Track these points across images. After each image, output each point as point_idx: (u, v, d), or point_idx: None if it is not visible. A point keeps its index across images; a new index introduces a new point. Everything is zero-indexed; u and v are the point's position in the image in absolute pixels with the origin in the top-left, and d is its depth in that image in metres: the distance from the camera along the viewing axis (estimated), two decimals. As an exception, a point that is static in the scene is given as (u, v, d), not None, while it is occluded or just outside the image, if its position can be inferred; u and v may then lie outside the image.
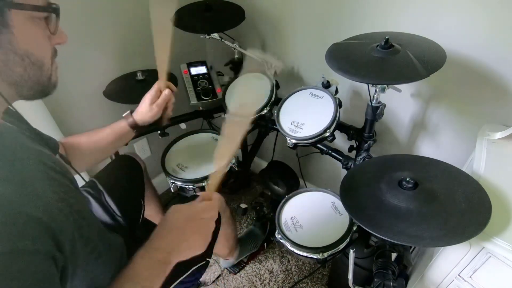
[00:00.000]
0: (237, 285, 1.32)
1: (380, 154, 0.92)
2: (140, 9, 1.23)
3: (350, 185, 0.78)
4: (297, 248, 0.89)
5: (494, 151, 0.77)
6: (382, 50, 0.76)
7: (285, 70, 1.32)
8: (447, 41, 0.79)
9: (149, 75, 1.21)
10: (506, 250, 0.59)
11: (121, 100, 1.14)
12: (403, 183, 0.70)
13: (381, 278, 0.81)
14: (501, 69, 0.81)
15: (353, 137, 1.03)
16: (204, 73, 1.28)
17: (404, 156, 0.87)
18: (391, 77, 0.74)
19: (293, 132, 0.98)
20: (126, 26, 1.22)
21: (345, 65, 0.77)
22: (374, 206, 0.69)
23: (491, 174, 0.72)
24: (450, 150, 1.03)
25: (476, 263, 0.66)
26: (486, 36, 0.80)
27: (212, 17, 1.13)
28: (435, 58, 0.73)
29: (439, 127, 1.02)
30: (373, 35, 0.87)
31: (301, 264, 1.38)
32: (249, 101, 0.85)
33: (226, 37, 1.19)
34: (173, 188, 1.09)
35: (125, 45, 1.25)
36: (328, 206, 1.00)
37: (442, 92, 0.96)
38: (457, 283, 0.72)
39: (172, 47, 0.79)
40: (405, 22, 0.91)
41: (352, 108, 1.19)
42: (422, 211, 0.65)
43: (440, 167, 0.77)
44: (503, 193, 0.68)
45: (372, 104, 0.87)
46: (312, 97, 1.02)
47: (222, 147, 0.71)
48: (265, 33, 1.31)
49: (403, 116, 1.08)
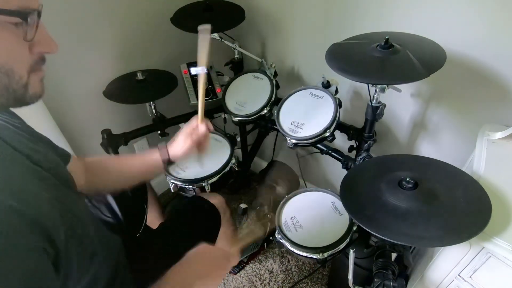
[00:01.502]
0: (237, 285, 1.32)
1: (380, 154, 0.92)
2: (140, 10, 1.23)
3: (350, 185, 0.78)
4: (297, 248, 0.89)
5: (494, 151, 0.77)
6: (382, 50, 0.76)
7: (285, 70, 1.32)
8: (447, 41, 0.79)
9: (149, 75, 1.21)
10: (506, 250, 0.59)
11: (121, 100, 1.14)
12: (403, 183, 0.69)
13: (381, 278, 0.81)
14: (501, 69, 0.81)
15: (353, 137, 1.03)
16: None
17: (404, 156, 0.87)
18: (391, 77, 0.74)
19: (293, 132, 0.98)
20: (126, 26, 1.22)
21: (345, 65, 0.77)
22: (374, 206, 0.69)
23: (491, 174, 0.72)
24: (450, 150, 1.02)
25: (476, 263, 0.66)
26: (486, 36, 0.80)
27: (212, 17, 1.13)
28: (435, 58, 0.73)
29: (439, 127, 1.01)
30: (373, 35, 0.87)
31: (301, 264, 1.38)
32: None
33: (226, 37, 1.19)
34: (173, 188, 1.08)
35: (125, 45, 1.25)
36: (328, 206, 1.00)
37: (442, 92, 0.96)
38: (457, 283, 0.72)
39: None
40: (405, 22, 0.91)
41: (352, 108, 1.19)
42: (422, 211, 0.65)
43: (440, 167, 0.76)
44: (503, 193, 0.68)
45: (372, 104, 0.87)
46: (312, 97, 1.02)
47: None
48: (265, 33, 1.31)
49: (403, 116, 1.08)
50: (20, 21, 0.40)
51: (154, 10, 1.26)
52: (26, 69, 0.43)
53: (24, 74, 0.43)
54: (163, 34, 1.33)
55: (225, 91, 1.18)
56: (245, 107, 1.13)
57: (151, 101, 1.21)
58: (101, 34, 1.17)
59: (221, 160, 1.10)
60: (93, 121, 1.26)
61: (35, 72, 0.45)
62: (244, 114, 1.11)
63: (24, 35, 0.41)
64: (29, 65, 0.44)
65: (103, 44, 1.19)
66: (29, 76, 0.44)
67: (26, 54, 0.43)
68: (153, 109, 1.24)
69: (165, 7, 1.19)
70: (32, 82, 0.44)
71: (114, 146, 1.17)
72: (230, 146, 1.15)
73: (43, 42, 0.44)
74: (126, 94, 1.16)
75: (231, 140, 1.18)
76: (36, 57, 0.44)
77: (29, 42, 0.42)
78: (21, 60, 0.43)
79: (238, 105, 1.14)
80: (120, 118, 1.34)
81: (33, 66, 0.44)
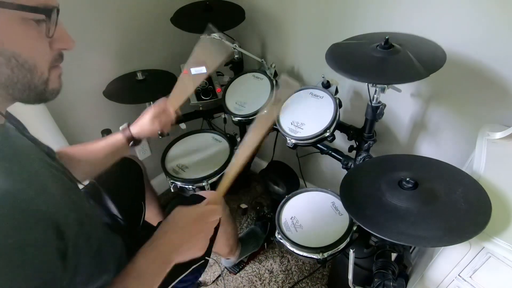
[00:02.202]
0: (237, 285, 1.32)
1: (380, 154, 0.92)
2: (140, 10, 1.23)
3: (350, 185, 0.78)
4: (297, 248, 0.89)
5: (494, 151, 0.77)
6: (382, 50, 0.76)
7: (285, 70, 1.32)
8: (447, 41, 0.79)
9: (149, 75, 1.21)
10: (506, 250, 0.59)
11: (121, 100, 1.14)
12: (403, 183, 0.70)
13: (381, 278, 0.81)
14: (501, 69, 0.81)
15: (353, 137, 1.03)
16: (204, 73, 1.28)
17: (404, 156, 0.87)
18: (391, 77, 0.74)
19: (293, 132, 0.98)
20: (126, 26, 1.22)
21: (345, 65, 0.77)
22: (374, 206, 0.69)
23: (491, 174, 0.72)
24: (450, 150, 1.02)
25: (476, 263, 0.66)
26: (486, 36, 0.79)
27: (212, 17, 1.13)
28: (435, 58, 0.73)
29: (439, 127, 1.01)
30: (373, 35, 0.87)
31: (301, 264, 1.38)
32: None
33: (226, 37, 1.19)
34: (173, 188, 1.09)
35: (125, 45, 1.25)
36: (328, 206, 1.00)
37: (442, 92, 0.96)
38: (457, 283, 0.72)
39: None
40: (405, 22, 0.91)
41: (352, 108, 1.19)
42: (422, 211, 0.65)
43: (440, 167, 0.77)
44: (503, 193, 0.68)
45: (372, 104, 0.87)
46: (312, 97, 1.02)
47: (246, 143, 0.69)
48: (265, 33, 1.31)
49: (403, 116, 1.08)
50: (43, 18, 0.41)
51: (154, 10, 1.26)
52: (47, 65, 0.45)
53: (45, 70, 0.45)
54: (163, 34, 1.33)
55: (225, 91, 1.18)
56: (245, 107, 1.13)
57: (151, 101, 1.21)
58: (101, 34, 1.17)
59: (221, 160, 1.10)
60: (93, 121, 1.26)
61: (54, 69, 0.47)
62: (244, 114, 1.11)
63: (47, 31, 0.42)
64: (50, 62, 0.45)
65: (103, 44, 1.19)
66: (49, 72, 0.45)
67: (47, 51, 0.45)
68: (153, 109, 1.24)
69: (165, 7, 1.19)
70: (52, 78, 0.46)
71: (114, 146, 1.17)
72: (230, 146, 1.15)
73: (61, 38, 0.46)
74: (126, 94, 1.16)
75: (231, 140, 1.19)
76: (55, 53, 0.46)
77: (49, 39, 0.44)
78: (43, 57, 0.44)
79: (238, 105, 1.14)
80: (120, 118, 1.34)
81: (53, 63, 0.46)
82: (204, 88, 1.22)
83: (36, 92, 0.45)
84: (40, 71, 0.44)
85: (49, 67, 0.45)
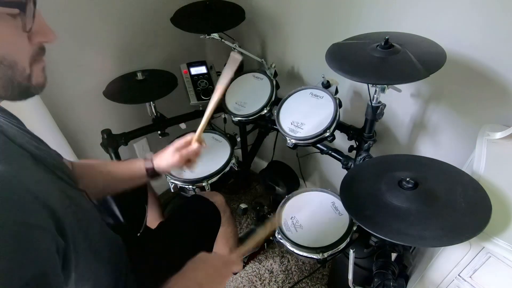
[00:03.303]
0: (237, 285, 1.32)
1: (380, 154, 0.92)
2: (140, 10, 1.23)
3: (350, 185, 0.78)
4: (297, 248, 0.89)
5: (494, 151, 0.77)
6: (382, 50, 0.76)
7: (285, 70, 1.32)
8: (447, 41, 0.79)
9: (149, 75, 1.21)
10: (506, 250, 0.59)
11: (121, 100, 1.14)
12: (403, 183, 0.69)
13: (381, 278, 0.81)
14: (501, 69, 0.81)
15: (353, 137, 1.03)
16: (204, 73, 1.28)
17: (404, 156, 0.87)
18: (391, 77, 0.74)
19: (293, 132, 0.98)
20: (126, 26, 1.22)
21: (345, 65, 0.77)
22: (374, 206, 0.69)
23: (491, 174, 0.72)
24: (450, 150, 1.02)
25: (476, 263, 0.66)
26: (486, 36, 0.79)
27: (212, 17, 1.13)
28: (435, 58, 0.73)
29: (439, 127, 1.01)
30: (373, 35, 0.87)
31: (301, 264, 1.38)
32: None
33: (226, 37, 1.19)
34: (173, 188, 1.09)
35: (125, 45, 1.25)
36: (328, 206, 1.00)
37: (442, 92, 0.96)
38: (457, 283, 0.72)
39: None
40: (405, 22, 0.91)
41: (352, 108, 1.19)
42: (422, 211, 0.65)
43: (440, 167, 0.76)
44: (503, 193, 0.68)
45: (372, 104, 0.87)
46: (312, 97, 1.02)
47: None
48: (265, 33, 1.31)
49: (403, 116, 1.08)
50: (18, 12, 0.39)
51: (154, 10, 1.26)
52: (28, 60, 0.43)
53: (26, 66, 0.43)
54: (163, 34, 1.33)
55: (225, 91, 1.18)
56: (245, 107, 1.13)
57: (151, 101, 1.21)
58: (101, 34, 1.17)
59: (221, 160, 1.10)
60: (93, 121, 1.26)
61: (36, 63, 0.45)
62: (244, 114, 1.11)
63: (23, 25, 0.40)
64: (30, 56, 0.44)
65: (103, 44, 1.19)
66: (31, 67, 0.44)
67: (27, 45, 0.43)
68: (153, 109, 1.24)
69: (165, 7, 1.19)
70: (34, 72, 0.44)
71: (114, 146, 1.18)
72: (230, 146, 1.15)
73: (41, 31, 0.44)
74: (126, 94, 1.16)
75: (231, 140, 1.18)
76: (36, 47, 0.44)
77: (28, 33, 0.42)
78: (23, 52, 0.42)
79: (238, 105, 1.14)
80: (120, 118, 1.34)
81: (34, 57, 0.44)
82: (204, 88, 1.23)
83: (21, 89, 0.44)
84: (21, 67, 0.42)
85: (30, 62, 0.44)
